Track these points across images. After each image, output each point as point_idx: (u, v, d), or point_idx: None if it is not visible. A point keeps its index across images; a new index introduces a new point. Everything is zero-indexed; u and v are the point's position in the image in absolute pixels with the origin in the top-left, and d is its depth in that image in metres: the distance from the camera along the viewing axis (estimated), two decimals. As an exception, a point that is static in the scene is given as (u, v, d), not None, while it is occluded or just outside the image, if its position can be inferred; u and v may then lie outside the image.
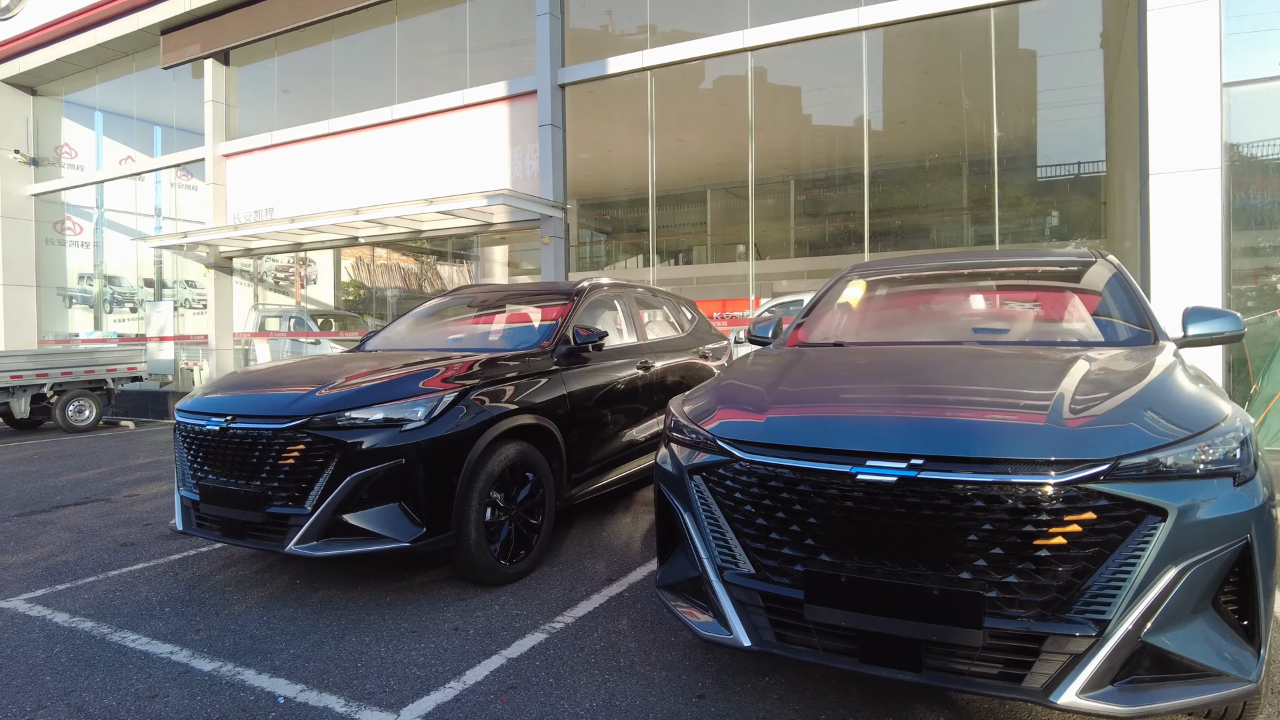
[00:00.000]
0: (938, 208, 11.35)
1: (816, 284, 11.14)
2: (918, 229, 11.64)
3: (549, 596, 3.97)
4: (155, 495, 6.72)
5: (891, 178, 10.58)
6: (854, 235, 9.15)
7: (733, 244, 13.72)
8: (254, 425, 3.70)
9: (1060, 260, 4.08)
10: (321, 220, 9.94)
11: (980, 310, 3.92)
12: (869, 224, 8.57)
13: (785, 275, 11.71)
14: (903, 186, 10.95)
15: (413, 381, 3.89)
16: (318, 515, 3.58)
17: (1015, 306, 3.89)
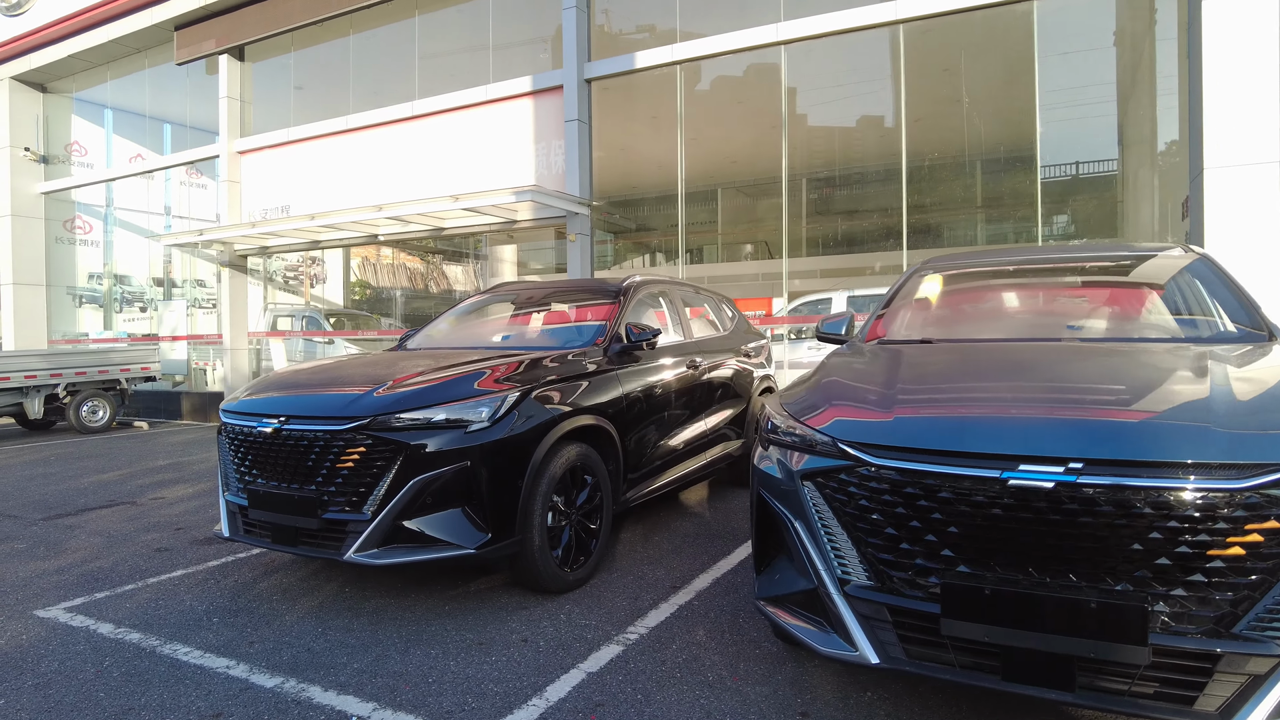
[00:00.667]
0: (980, 205, 11.15)
1: (849, 282, 10.98)
2: (954, 225, 11.44)
3: (615, 605, 3.78)
4: (181, 498, 6.53)
5: (928, 174, 10.36)
6: (892, 232, 8.97)
7: (764, 241, 13.52)
8: (310, 427, 3.51)
9: (1148, 254, 3.90)
10: (342, 217, 9.75)
11: (1071, 306, 3.74)
12: (907, 221, 8.39)
13: (818, 273, 11.52)
14: (940, 183, 10.75)
15: (472, 381, 3.70)
16: (379, 521, 3.39)
17: (1106, 302, 3.71)
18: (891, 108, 8.44)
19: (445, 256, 34.27)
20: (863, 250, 12.55)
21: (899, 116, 8.33)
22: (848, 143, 11.11)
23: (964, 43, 9.38)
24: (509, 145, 10.04)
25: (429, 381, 3.67)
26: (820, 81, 9.80)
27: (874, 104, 9.82)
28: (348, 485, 3.47)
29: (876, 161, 10.70)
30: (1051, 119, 9.10)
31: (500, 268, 33.28)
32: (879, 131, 9.18)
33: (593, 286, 5.41)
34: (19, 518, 5.88)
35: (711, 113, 10.32)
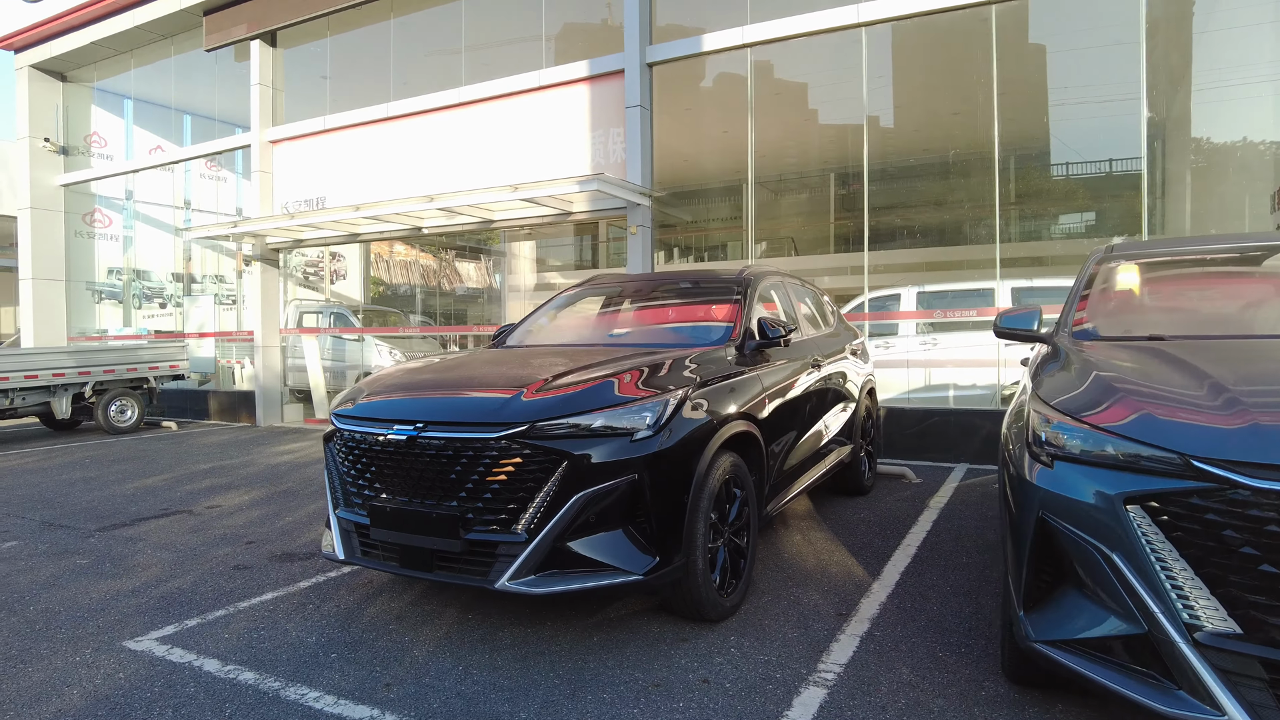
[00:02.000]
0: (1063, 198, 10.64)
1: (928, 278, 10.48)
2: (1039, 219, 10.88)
3: (784, 635, 3.31)
4: (239, 506, 6.05)
5: (1020, 166, 9.84)
6: (984, 224, 8.51)
7: (838, 235, 12.97)
8: (455, 434, 3.04)
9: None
10: (390, 208, 9.27)
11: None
12: (999, 212, 7.92)
13: (901, 267, 11.03)
14: (1042, 174, 10.19)
15: (627, 383, 3.24)
16: (537, 543, 2.93)
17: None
18: (981, 97, 7.95)
19: (459, 254, 33.89)
20: (969, 243, 11.88)
21: (990, 106, 7.86)
22: (934, 133, 10.54)
23: (1058, 29, 8.95)
24: (563, 133, 9.56)
25: (582, 383, 3.20)
26: (909, 64, 9.31)
27: (960, 93, 9.27)
28: (498, 501, 3.00)
29: (962, 152, 10.15)
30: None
31: (517, 264, 32.92)
32: (974, 118, 8.62)
33: (706, 277, 4.94)
34: (72, 528, 5.41)
35: (784, 98, 9.85)
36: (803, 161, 12.81)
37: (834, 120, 10.53)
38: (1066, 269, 9.92)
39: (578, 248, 32.47)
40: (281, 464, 8.10)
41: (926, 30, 8.32)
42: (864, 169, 8.46)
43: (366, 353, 14.66)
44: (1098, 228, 11.01)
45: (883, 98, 8.63)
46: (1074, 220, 11.34)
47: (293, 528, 5.32)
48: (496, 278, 35.34)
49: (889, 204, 11.01)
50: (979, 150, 8.51)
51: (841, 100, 8.75)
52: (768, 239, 17.38)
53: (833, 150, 11.42)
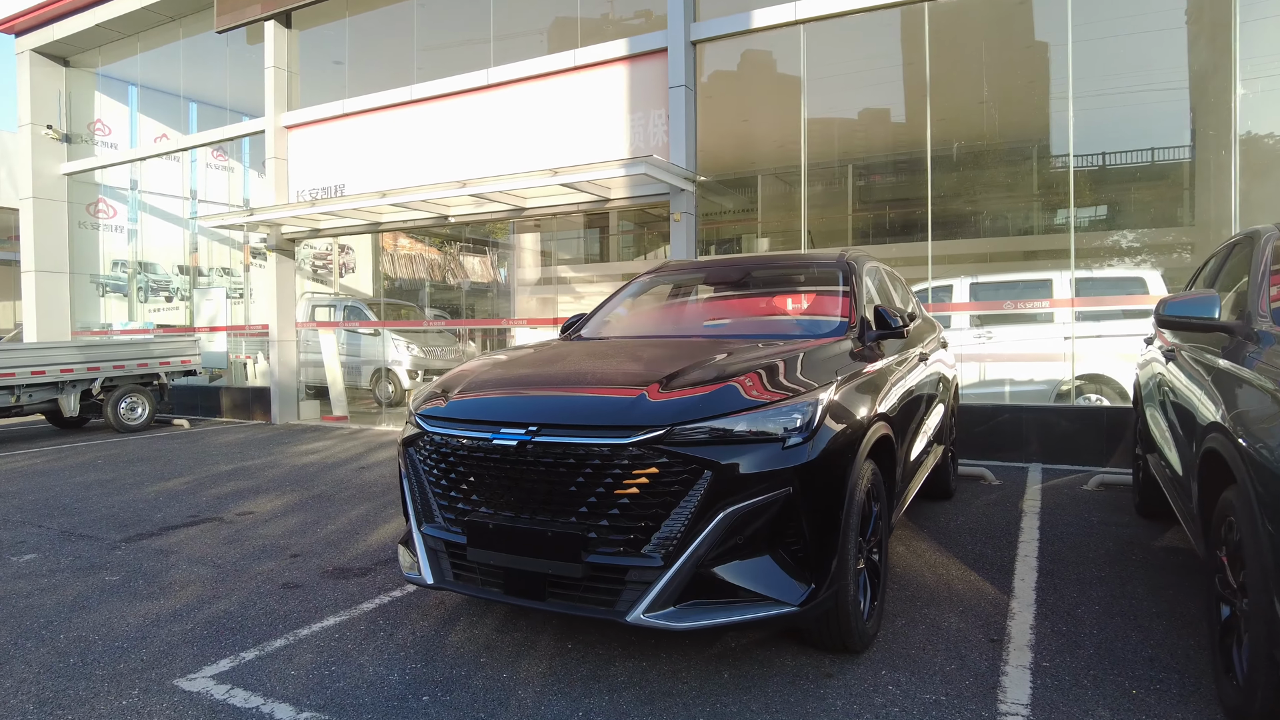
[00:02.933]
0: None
1: (964, 269, 9.97)
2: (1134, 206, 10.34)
3: (941, 668, 2.86)
4: (274, 513, 5.58)
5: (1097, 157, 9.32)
6: (1049, 214, 8.04)
7: (902, 223, 12.46)
8: (578, 439, 2.56)
9: None
10: (418, 194, 8.77)
11: None
12: (1073, 197, 7.45)
13: (970, 257, 10.50)
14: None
15: (765, 381, 2.77)
16: (679, 568, 2.46)
17: None
18: (1057, 75, 7.47)
19: (463, 247, 33.40)
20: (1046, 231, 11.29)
21: (1066, 88, 7.38)
22: (1004, 111, 9.95)
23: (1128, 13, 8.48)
24: (600, 116, 9.08)
25: (714, 380, 2.73)
26: (973, 42, 8.81)
27: (1036, 69, 8.74)
28: (627, 518, 2.53)
29: (1039, 134, 9.59)
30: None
31: (523, 258, 32.35)
32: (1039, 99, 8.15)
33: (801, 261, 4.47)
34: (95, 538, 4.93)
35: (840, 78, 9.36)
36: (849, 149, 12.26)
37: (881, 105, 10.04)
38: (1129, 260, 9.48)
39: (585, 241, 32.01)
40: (308, 465, 7.61)
41: (989, 6, 7.84)
42: (927, 155, 7.99)
43: (383, 347, 14.19)
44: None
45: (944, 82, 8.11)
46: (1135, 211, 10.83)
47: (338, 538, 4.85)
48: (501, 271, 34.87)
49: (949, 193, 10.50)
50: (1035, 139, 8.04)
51: (892, 84, 8.27)
52: (823, 229, 16.83)
53: (884, 137, 10.90)
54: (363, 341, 14.28)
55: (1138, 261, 9.45)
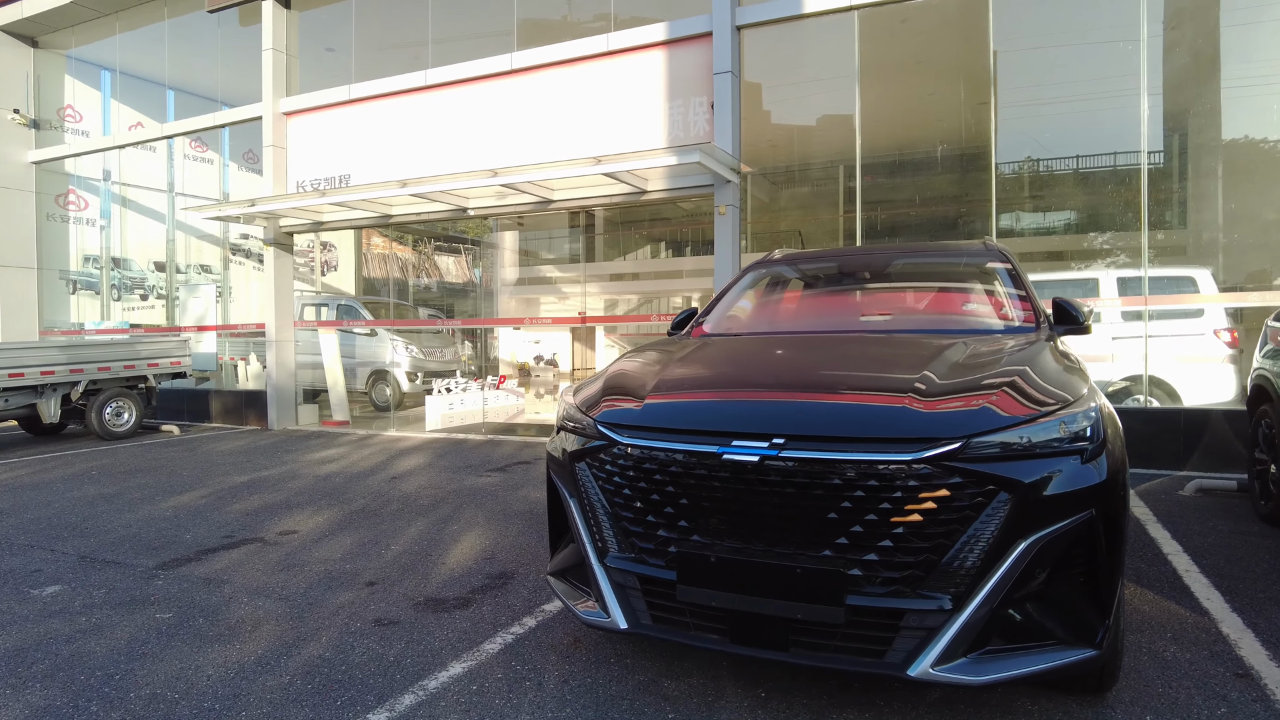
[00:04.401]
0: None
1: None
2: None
3: (1209, 711, 2.43)
4: (320, 533, 4.96)
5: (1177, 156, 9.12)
6: (1131, 208, 7.74)
7: (956, 222, 12.13)
8: (848, 454, 2.06)
9: None
10: (443, 184, 8.17)
11: None
12: (1148, 200, 7.17)
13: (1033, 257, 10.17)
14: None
15: (1029, 385, 2.31)
16: (974, 610, 1.99)
17: None
18: (1138, 72, 7.17)
19: (437, 246, 32.64)
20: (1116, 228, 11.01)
21: (1141, 83, 7.08)
22: (1070, 109, 9.66)
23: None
24: (635, 103, 8.58)
25: (986, 384, 2.27)
26: (1039, 37, 8.50)
27: (1112, 63, 8.47)
28: (901, 551, 2.04)
29: (1115, 131, 9.33)
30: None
31: (504, 257, 31.64)
32: (1122, 96, 7.87)
33: (945, 250, 4.03)
34: (124, 565, 4.28)
35: (895, 69, 8.99)
36: (919, 140, 11.84)
37: (952, 98, 9.70)
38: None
39: (570, 238, 31.37)
40: (332, 476, 6.97)
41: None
42: (992, 149, 7.65)
43: (380, 348, 13.50)
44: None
45: (1009, 74, 7.78)
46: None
47: (410, 561, 4.27)
48: (476, 271, 34.08)
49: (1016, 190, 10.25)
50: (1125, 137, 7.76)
51: (958, 74, 7.93)
52: (876, 225, 16.45)
53: (947, 130, 10.54)
54: (358, 342, 13.55)
55: (1184, 261, 9.29)
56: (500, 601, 3.58)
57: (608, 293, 29.64)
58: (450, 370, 14.66)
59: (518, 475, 6.84)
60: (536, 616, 3.38)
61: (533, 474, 6.91)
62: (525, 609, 3.48)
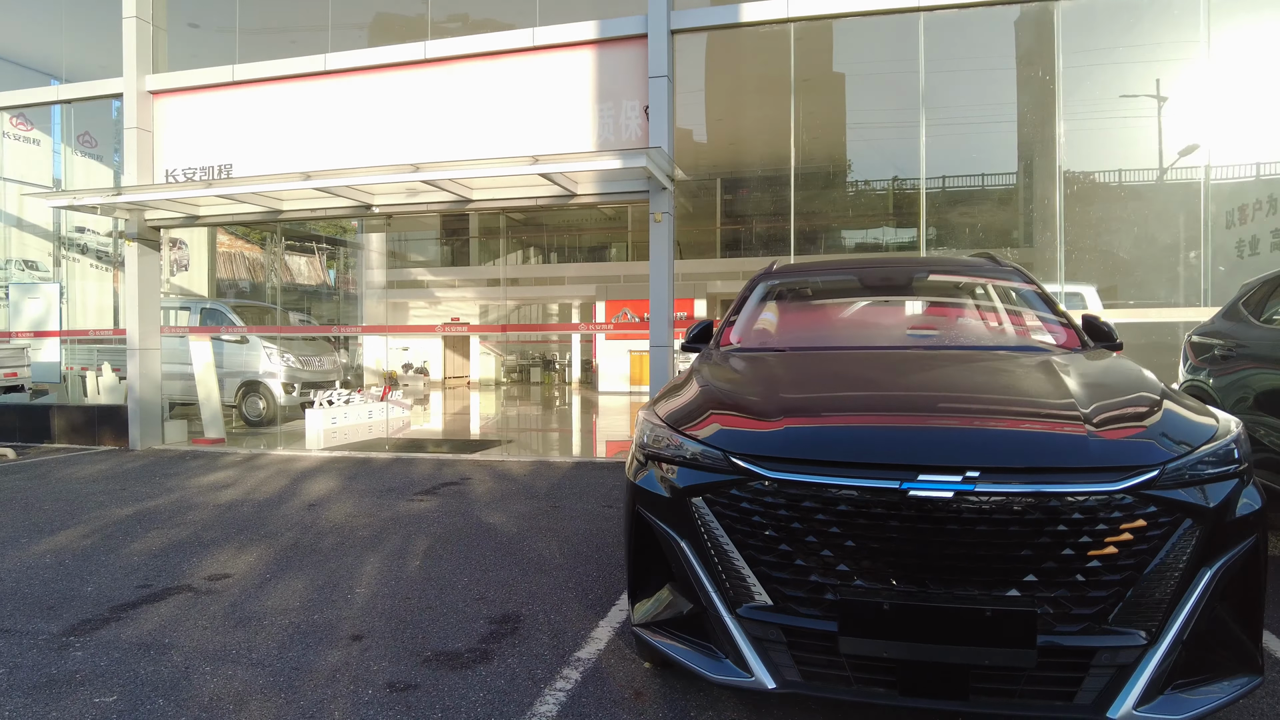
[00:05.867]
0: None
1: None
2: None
3: None
4: (259, 577, 4.29)
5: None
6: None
7: (817, 236, 12.39)
8: (1053, 486, 1.91)
9: None
10: (358, 179, 7.43)
11: None
12: (1063, 214, 7.66)
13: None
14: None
15: (1180, 405, 2.28)
16: (1170, 643, 1.91)
17: None
18: (1051, 88, 7.66)
19: (289, 246, 30.51)
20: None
21: (1054, 110, 7.57)
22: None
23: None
24: (563, 102, 8.22)
25: (1144, 403, 2.20)
26: (960, 60, 8.88)
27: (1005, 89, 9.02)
28: (1091, 586, 1.93)
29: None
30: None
31: (371, 259, 29.98)
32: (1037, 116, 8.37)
33: (960, 266, 4.00)
34: (20, 634, 3.46)
35: (822, 82, 9.11)
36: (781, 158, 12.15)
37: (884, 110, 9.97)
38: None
39: (443, 243, 30.12)
40: (236, 504, 6.13)
41: (983, 20, 7.95)
42: (921, 164, 7.93)
43: (251, 357, 12.26)
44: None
45: (939, 94, 8.10)
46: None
47: (386, 606, 3.74)
48: (330, 273, 32.07)
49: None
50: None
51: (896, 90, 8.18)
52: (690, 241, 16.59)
53: (817, 147, 10.87)
54: (225, 350, 12.23)
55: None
56: (524, 651, 3.17)
57: (485, 298, 28.78)
58: (329, 381, 13.57)
59: (453, 499, 6.30)
60: (576, 667, 3.01)
61: (470, 497, 6.39)
62: (557, 658, 3.09)
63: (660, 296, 7.87)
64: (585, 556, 4.58)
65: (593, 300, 24.77)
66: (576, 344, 28.15)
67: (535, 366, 30.09)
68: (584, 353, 27.74)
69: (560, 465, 7.99)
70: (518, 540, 4.96)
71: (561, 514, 5.72)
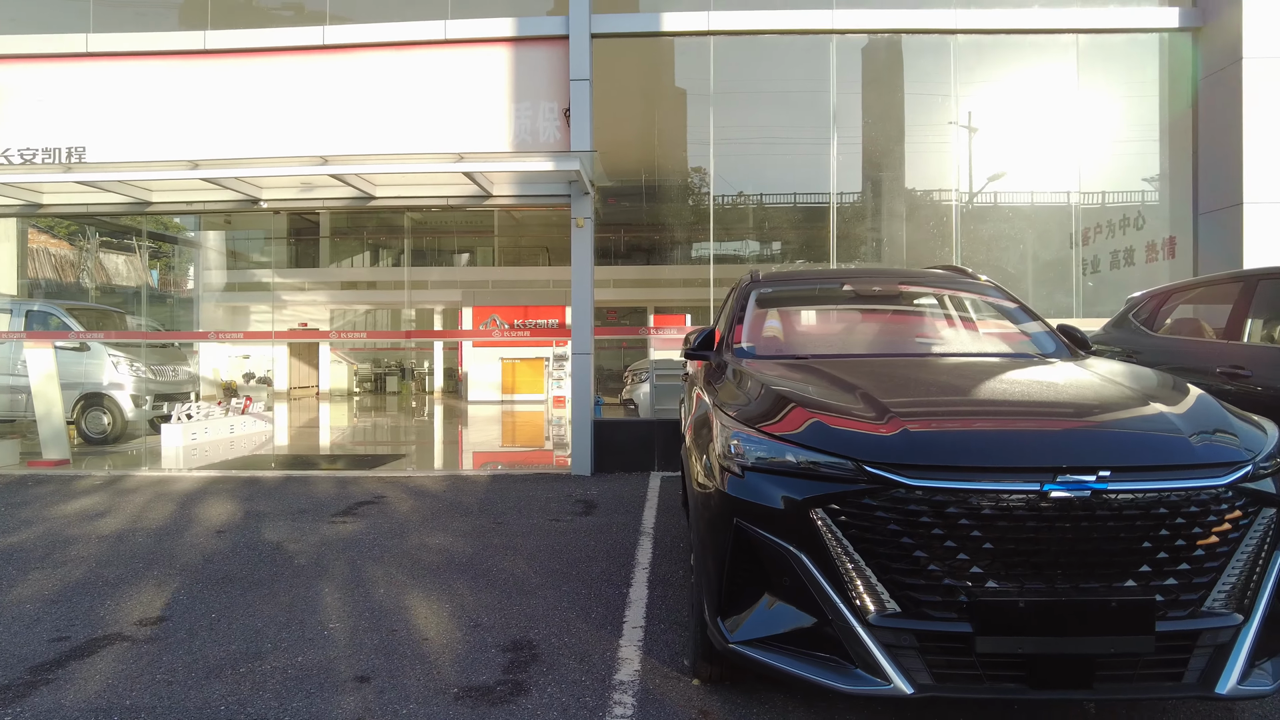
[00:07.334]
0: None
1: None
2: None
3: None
4: (200, 616, 3.77)
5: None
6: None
7: (678, 247, 12.58)
8: (1168, 483, 2.09)
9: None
10: (255, 170, 6.71)
11: None
12: (959, 233, 8.27)
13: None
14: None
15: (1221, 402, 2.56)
16: (1260, 622, 2.13)
17: None
18: (952, 114, 8.25)
19: (105, 243, 27.72)
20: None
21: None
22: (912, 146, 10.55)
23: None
24: (477, 100, 7.88)
25: (1208, 406, 2.45)
26: (887, 77, 9.29)
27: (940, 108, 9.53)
28: (1195, 573, 2.11)
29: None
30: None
31: (209, 258, 27.62)
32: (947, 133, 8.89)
33: (937, 279, 4.20)
34: (-73, 704, 2.83)
35: (742, 96, 9.25)
36: (652, 170, 12.36)
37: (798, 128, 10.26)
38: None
39: (292, 244, 27.93)
40: (124, 534, 5.37)
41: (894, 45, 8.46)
42: (831, 186, 8.30)
43: (94, 366, 10.85)
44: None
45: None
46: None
47: (376, 641, 3.40)
48: (153, 274, 29.16)
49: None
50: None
51: (811, 111, 8.50)
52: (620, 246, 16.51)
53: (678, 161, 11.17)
54: (60, 359, 10.69)
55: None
56: (559, 678, 2.99)
57: (339, 302, 27.09)
58: (184, 393, 12.27)
59: (380, 520, 5.85)
60: (625, 692, 2.87)
61: (396, 517, 5.96)
62: (599, 684, 2.94)
63: (582, 302, 7.74)
64: (562, 574, 4.40)
65: (458, 306, 23.98)
66: (439, 351, 27.14)
67: (392, 376, 28.72)
68: (447, 360, 26.79)
69: (477, 479, 7.64)
70: (479, 561, 4.68)
71: (510, 530, 5.46)
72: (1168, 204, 8.38)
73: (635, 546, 5.01)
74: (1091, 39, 8.14)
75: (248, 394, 15.12)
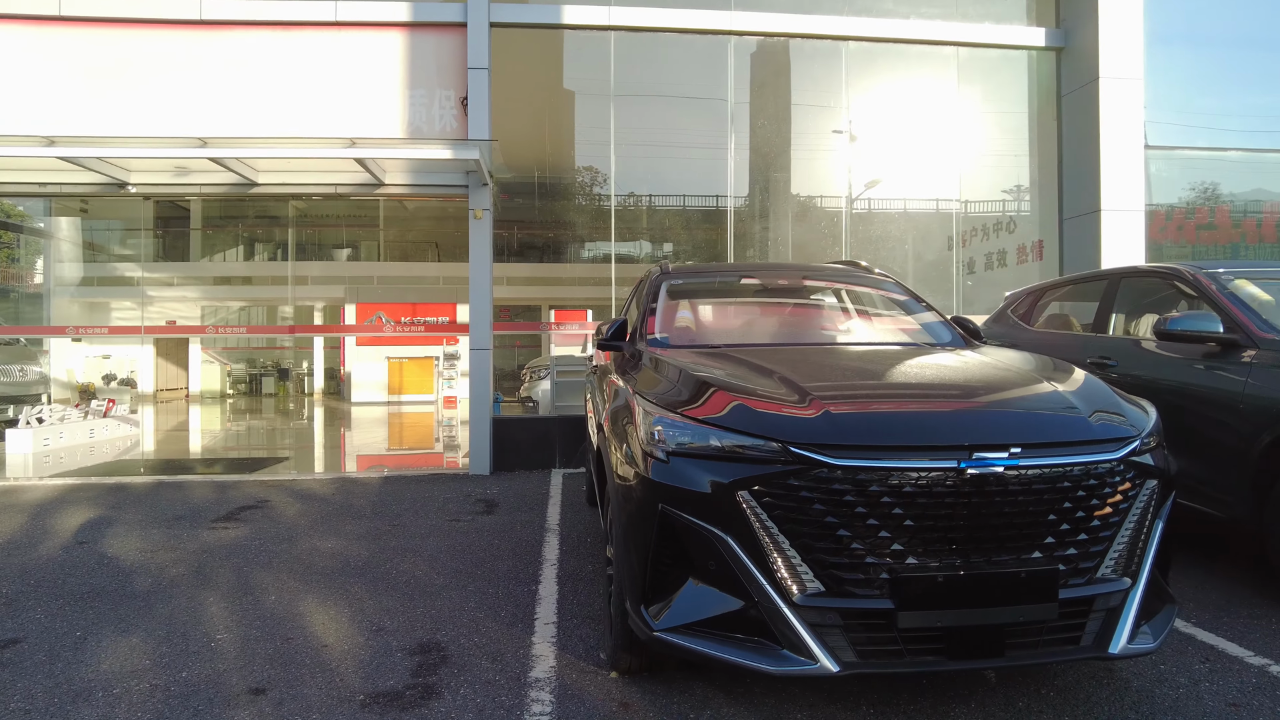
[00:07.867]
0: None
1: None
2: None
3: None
4: (69, 635, 3.42)
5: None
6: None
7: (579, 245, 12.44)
8: (1070, 457, 2.22)
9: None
10: (125, 150, 6.11)
11: None
12: (849, 235, 8.56)
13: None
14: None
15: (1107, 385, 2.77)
16: (1145, 584, 2.32)
17: None
18: (841, 121, 8.53)
19: (-35, 234, 25.23)
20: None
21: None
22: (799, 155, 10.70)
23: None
24: (369, 85, 7.53)
25: (1098, 387, 2.64)
26: (780, 83, 9.43)
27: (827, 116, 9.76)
28: (1091, 542, 2.26)
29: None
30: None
31: (63, 249, 25.55)
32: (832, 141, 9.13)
33: (840, 274, 4.33)
34: None
35: (643, 94, 9.21)
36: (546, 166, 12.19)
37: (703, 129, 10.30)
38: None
39: (157, 236, 25.89)
40: (34, 560, 4.81)
41: (787, 49, 8.67)
42: (728, 189, 8.43)
43: None
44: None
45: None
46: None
47: (269, 651, 3.17)
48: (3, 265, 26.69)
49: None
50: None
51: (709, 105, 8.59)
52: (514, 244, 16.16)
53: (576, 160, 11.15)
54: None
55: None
56: (471, 679, 2.88)
57: (211, 299, 25.39)
58: (33, 394, 11.19)
59: (266, 525, 5.50)
60: (542, 689, 2.79)
61: (284, 521, 5.62)
62: (514, 683, 2.85)
63: (481, 297, 7.55)
64: (467, 574, 4.26)
65: (340, 303, 22.96)
66: (319, 351, 25.91)
67: (269, 376, 27.18)
68: (328, 360, 25.61)
69: (368, 482, 7.31)
70: (377, 564, 4.47)
71: (408, 532, 5.25)
72: (1037, 210, 9.03)
73: (542, 543, 4.92)
74: (970, 53, 8.67)
75: (110, 396, 13.94)
